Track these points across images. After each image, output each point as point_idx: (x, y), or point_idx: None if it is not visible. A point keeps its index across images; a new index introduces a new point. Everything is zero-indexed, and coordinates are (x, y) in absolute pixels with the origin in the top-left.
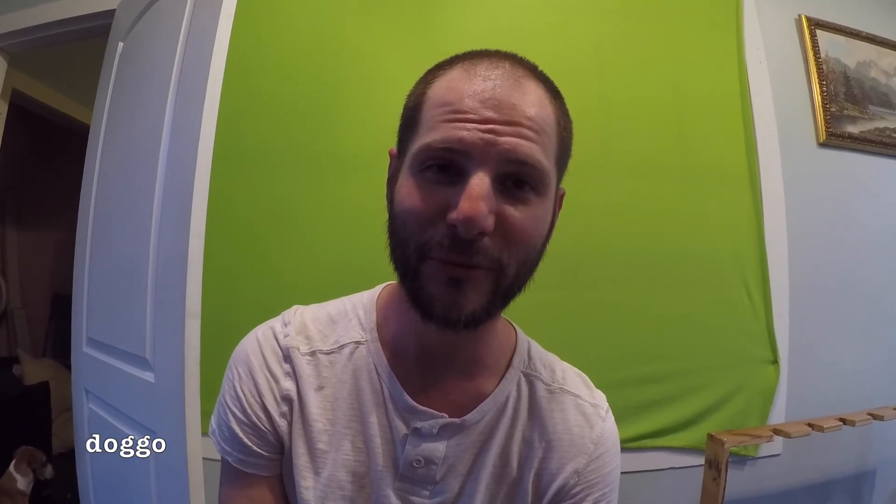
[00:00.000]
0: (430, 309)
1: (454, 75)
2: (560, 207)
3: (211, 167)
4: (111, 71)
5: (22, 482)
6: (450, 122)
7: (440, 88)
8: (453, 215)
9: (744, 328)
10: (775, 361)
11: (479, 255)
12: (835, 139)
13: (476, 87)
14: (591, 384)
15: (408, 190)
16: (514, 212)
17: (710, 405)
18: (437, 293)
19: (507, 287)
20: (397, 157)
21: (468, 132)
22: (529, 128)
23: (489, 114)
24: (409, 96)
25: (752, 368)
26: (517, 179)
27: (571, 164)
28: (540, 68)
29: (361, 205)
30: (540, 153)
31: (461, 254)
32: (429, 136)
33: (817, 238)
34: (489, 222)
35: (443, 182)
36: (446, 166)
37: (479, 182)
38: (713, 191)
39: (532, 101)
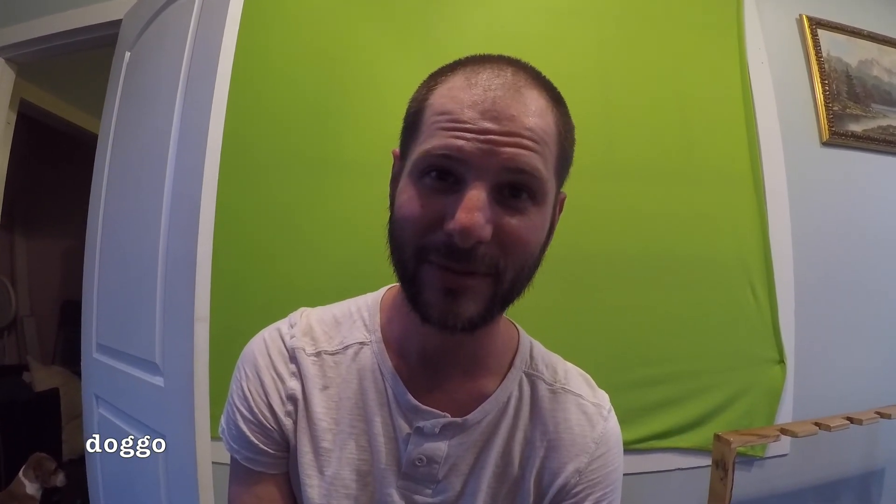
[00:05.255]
0: (427, 314)
1: (455, 83)
2: (561, 211)
3: (218, 173)
4: (119, 80)
5: (31, 487)
6: (448, 131)
7: (441, 96)
8: (450, 225)
9: (750, 328)
10: (782, 361)
11: (476, 261)
12: (838, 138)
13: (476, 97)
14: (594, 384)
15: (408, 196)
16: (511, 221)
17: (716, 406)
18: (433, 300)
19: (504, 292)
20: (400, 159)
21: (466, 142)
22: (529, 138)
23: (488, 125)
24: (412, 101)
25: (758, 368)
26: (514, 188)
27: (576, 167)
28: (543, 74)
29: (367, 209)
30: (539, 163)
31: (458, 261)
32: (428, 142)
33: (822, 237)
34: (486, 232)
35: (441, 189)
36: (445, 173)
37: (477, 193)
38: (717, 192)
39: (532, 112)
